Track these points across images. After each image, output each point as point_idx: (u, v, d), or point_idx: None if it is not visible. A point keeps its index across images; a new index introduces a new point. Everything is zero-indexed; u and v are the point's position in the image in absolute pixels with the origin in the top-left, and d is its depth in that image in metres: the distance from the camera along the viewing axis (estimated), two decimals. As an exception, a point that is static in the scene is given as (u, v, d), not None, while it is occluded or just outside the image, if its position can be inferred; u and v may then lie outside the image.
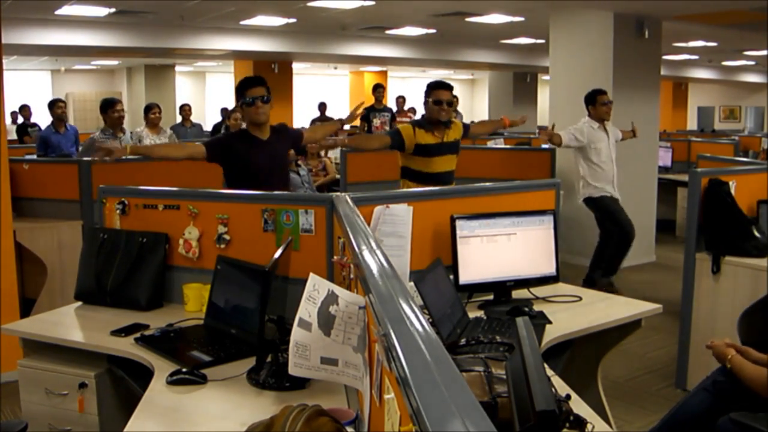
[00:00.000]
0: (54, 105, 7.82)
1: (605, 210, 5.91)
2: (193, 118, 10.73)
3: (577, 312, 2.88)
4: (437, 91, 4.41)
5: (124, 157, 3.89)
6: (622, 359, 4.44)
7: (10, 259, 4.23)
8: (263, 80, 3.88)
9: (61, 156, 6.97)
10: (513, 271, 2.98)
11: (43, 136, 7.62)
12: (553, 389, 1.62)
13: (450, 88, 4.49)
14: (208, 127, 12.21)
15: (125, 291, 2.95)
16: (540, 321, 2.66)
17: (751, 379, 2.37)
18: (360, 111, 4.72)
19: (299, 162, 7.10)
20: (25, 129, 10.31)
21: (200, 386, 2.14)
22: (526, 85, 16.15)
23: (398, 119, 10.43)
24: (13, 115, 12.57)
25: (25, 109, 10.65)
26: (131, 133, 7.50)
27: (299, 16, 9.51)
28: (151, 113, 7.29)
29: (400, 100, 12.31)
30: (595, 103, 5.85)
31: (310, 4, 8.45)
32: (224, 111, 11.17)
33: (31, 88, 17.41)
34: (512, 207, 3.06)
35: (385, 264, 1.57)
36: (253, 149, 3.81)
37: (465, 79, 24.88)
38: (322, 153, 7.79)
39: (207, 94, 21.01)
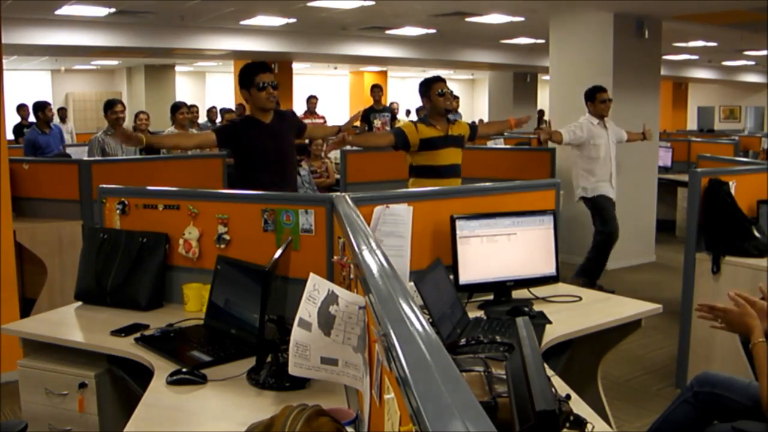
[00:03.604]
0: (44, 108, 7.80)
1: (596, 207, 5.87)
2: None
3: (577, 312, 2.88)
4: (437, 84, 4.46)
5: (122, 157, 3.91)
6: (622, 359, 4.44)
7: (10, 259, 4.23)
8: (270, 66, 3.92)
9: (57, 155, 6.98)
10: (513, 271, 2.98)
11: (30, 139, 7.59)
12: (553, 389, 1.61)
13: (444, 80, 4.56)
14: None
15: (125, 291, 2.95)
16: (540, 321, 2.66)
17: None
18: (356, 121, 4.75)
19: (301, 162, 7.09)
20: (22, 129, 10.30)
21: (200, 386, 2.14)
22: (526, 85, 16.15)
23: (309, 119, 10.20)
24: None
25: (22, 109, 10.60)
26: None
27: (299, 16, 9.51)
28: (179, 113, 7.32)
29: (313, 100, 11.37)
30: (594, 100, 5.85)
31: (310, 4, 8.45)
32: (214, 112, 11.12)
33: (31, 88, 17.39)
34: (512, 207, 3.06)
35: (385, 264, 1.57)
36: (258, 134, 3.86)
37: (465, 79, 24.89)
38: (323, 154, 7.79)
39: (207, 94, 21.02)
